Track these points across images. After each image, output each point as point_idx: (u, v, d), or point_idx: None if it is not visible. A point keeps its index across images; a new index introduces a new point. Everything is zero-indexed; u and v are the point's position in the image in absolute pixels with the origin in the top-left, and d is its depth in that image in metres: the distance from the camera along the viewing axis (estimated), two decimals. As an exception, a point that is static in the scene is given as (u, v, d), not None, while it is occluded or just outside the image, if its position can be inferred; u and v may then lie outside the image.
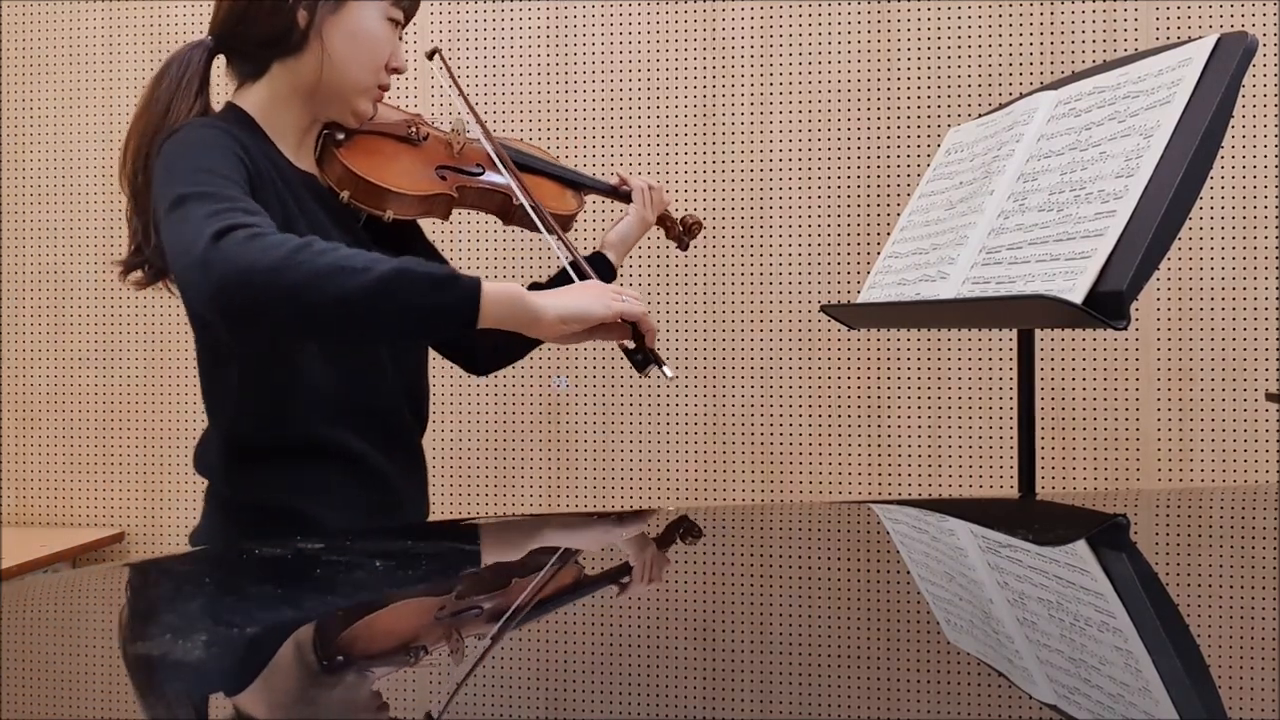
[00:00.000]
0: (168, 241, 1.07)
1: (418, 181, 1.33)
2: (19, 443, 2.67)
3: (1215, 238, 2.26)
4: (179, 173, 1.10)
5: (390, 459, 1.29)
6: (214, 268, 0.99)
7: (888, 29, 2.37)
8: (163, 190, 1.10)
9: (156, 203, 1.12)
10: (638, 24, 2.45)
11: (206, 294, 1.01)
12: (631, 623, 0.77)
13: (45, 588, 1.16)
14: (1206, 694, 0.59)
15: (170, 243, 1.06)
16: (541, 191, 1.46)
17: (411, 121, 1.39)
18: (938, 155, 1.55)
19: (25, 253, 2.67)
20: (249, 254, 1.00)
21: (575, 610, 0.78)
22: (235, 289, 0.99)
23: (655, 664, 0.67)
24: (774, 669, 0.64)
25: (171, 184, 1.09)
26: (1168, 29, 2.27)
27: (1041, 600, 0.77)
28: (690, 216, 1.72)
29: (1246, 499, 1.35)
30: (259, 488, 1.23)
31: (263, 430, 1.22)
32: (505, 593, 0.83)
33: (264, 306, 1.00)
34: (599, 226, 2.30)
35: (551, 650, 0.69)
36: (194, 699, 0.59)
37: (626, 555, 0.96)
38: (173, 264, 1.07)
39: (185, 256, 1.02)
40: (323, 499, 1.22)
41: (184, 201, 1.06)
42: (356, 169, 1.27)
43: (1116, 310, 1.02)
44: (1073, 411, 2.30)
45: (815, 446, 2.39)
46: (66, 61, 2.65)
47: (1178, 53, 1.15)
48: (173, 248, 1.06)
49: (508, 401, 2.49)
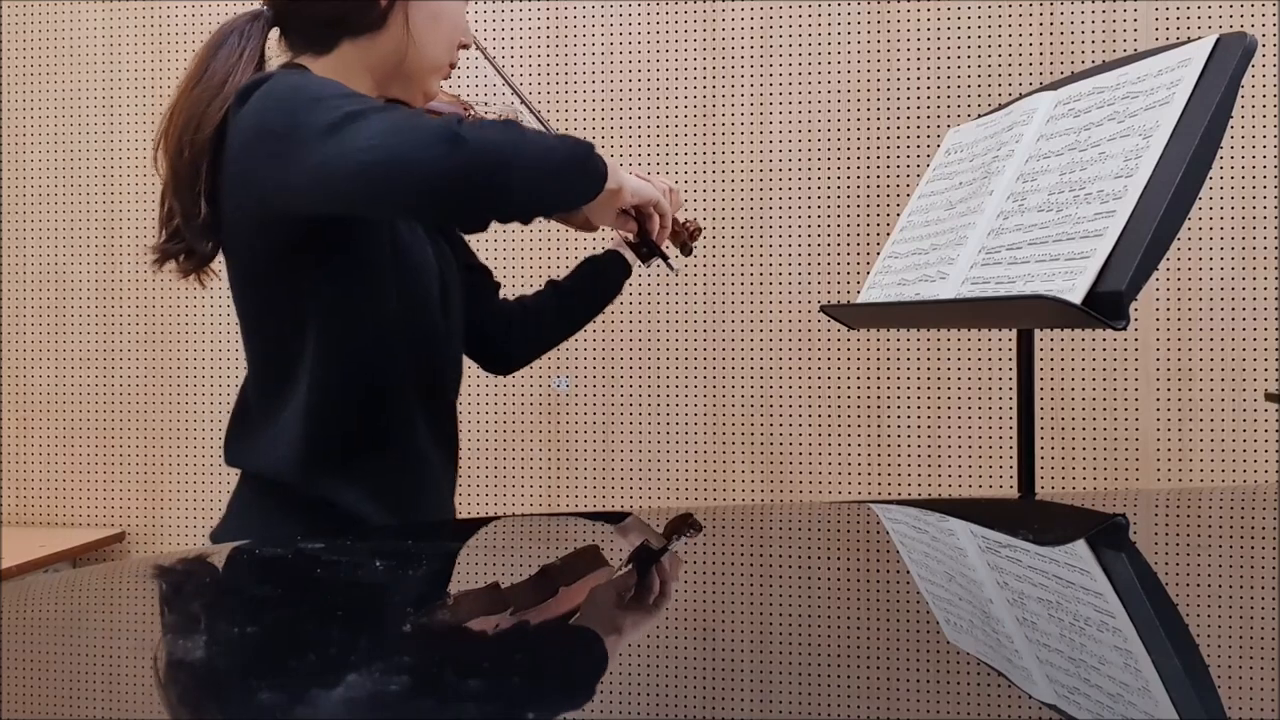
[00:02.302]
0: (350, 161, 0.97)
1: None
2: (19, 443, 2.67)
3: (1215, 238, 2.26)
4: (324, 99, 1.02)
5: (436, 445, 1.25)
6: (460, 155, 0.97)
7: (888, 29, 2.37)
8: (303, 120, 1.01)
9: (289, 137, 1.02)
10: (638, 24, 2.45)
11: (457, 180, 0.98)
12: (631, 623, 0.77)
13: (45, 588, 1.16)
14: (1206, 694, 0.59)
15: (369, 155, 0.97)
16: None
17: (464, 106, 1.35)
18: (937, 155, 1.55)
19: (25, 253, 2.67)
20: (489, 135, 0.99)
21: (575, 610, 0.78)
22: (485, 175, 0.99)
23: (656, 664, 0.67)
24: (774, 669, 0.64)
25: (320, 110, 1.00)
26: (1168, 29, 2.27)
27: (1041, 600, 0.77)
28: (692, 222, 1.70)
29: (1246, 499, 1.35)
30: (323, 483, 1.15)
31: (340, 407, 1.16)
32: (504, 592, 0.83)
33: (508, 188, 1.01)
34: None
35: (551, 650, 0.69)
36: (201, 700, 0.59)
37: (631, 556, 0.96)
38: (360, 178, 0.98)
39: (409, 159, 0.96)
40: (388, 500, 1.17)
41: (362, 115, 0.98)
42: None
43: (1116, 310, 1.02)
44: (1072, 411, 2.30)
45: (815, 446, 2.39)
46: (66, 61, 2.65)
47: (1177, 53, 1.15)
48: (374, 158, 0.97)
49: (508, 401, 2.49)
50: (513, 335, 1.48)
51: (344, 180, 0.99)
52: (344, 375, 1.16)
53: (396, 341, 1.18)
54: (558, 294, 1.50)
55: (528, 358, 1.52)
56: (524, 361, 1.52)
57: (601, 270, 1.51)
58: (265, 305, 1.18)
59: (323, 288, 1.13)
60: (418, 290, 1.20)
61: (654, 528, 1.10)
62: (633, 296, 2.41)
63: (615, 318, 2.43)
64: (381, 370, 1.18)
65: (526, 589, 0.84)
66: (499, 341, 1.48)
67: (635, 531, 1.07)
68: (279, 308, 1.16)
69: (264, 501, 1.20)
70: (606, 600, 0.80)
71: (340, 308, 1.14)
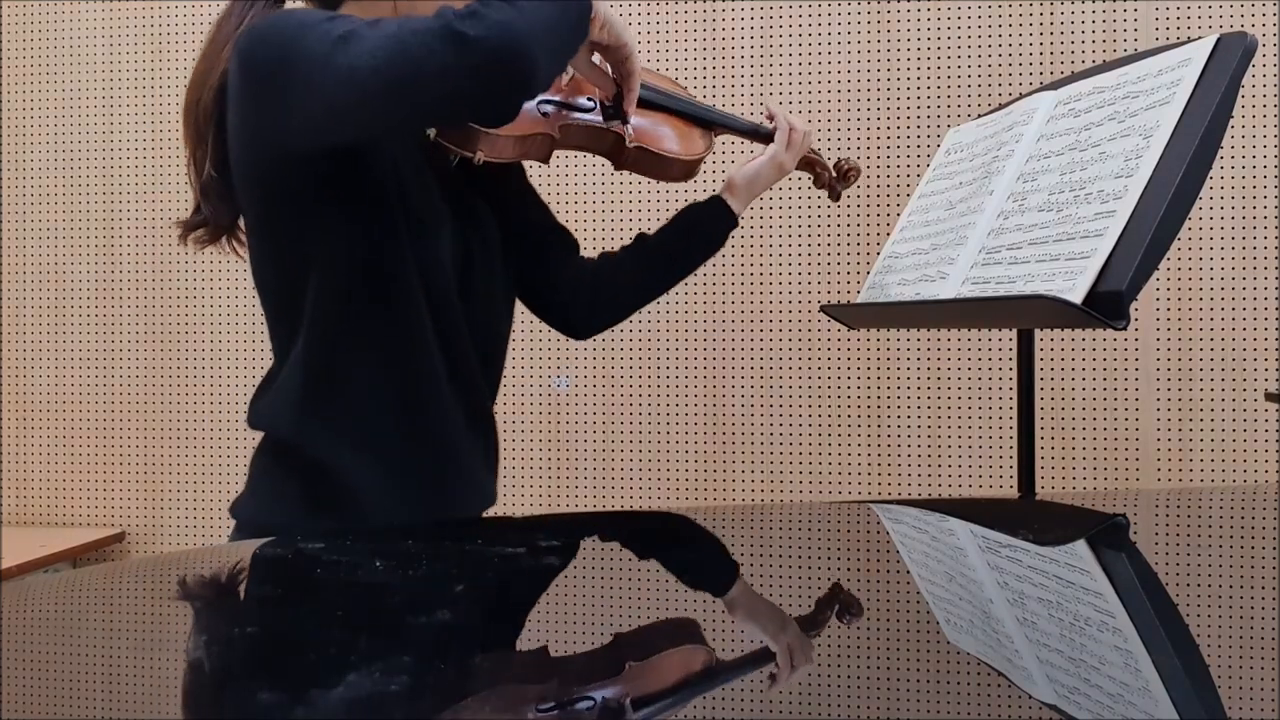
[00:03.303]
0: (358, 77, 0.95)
1: (515, 118, 1.17)
2: (19, 443, 2.67)
3: (1215, 238, 2.26)
4: (311, 25, 0.99)
5: (470, 429, 1.20)
6: (469, 52, 0.93)
7: (888, 29, 2.37)
8: (296, 50, 0.99)
9: (284, 70, 1.00)
10: (638, 24, 2.45)
11: (473, 78, 0.94)
12: (630, 623, 0.77)
13: (45, 588, 1.16)
14: (1206, 694, 0.59)
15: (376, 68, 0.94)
16: (663, 131, 1.32)
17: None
18: (937, 155, 1.55)
19: (26, 253, 2.67)
20: (493, 23, 0.94)
21: (574, 610, 0.78)
22: (510, 57, 0.94)
23: (656, 663, 0.67)
24: (774, 669, 0.64)
25: (311, 37, 0.98)
26: (1168, 29, 2.27)
27: (1041, 600, 0.77)
28: (846, 162, 1.54)
29: (1246, 499, 1.35)
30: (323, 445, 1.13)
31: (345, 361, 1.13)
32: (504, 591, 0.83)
33: (534, 61, 0.96)
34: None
35: (550, 649, 0.69)
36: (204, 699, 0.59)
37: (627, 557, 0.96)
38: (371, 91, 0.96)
39: (418, 62, 0.93)
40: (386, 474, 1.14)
41: (355, 34, 0.96)
42: None
43: (1116, 310, 1.02)
44: (1073, 411, 2.30)
45: (815, 446, 2.39)
46: (66, 61, 2.65)
47: (1177, 53, 1.15)
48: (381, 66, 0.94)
49: (508, 401, 2.49)
50: (580, 298, 1.38)
51: (355, 98, 0.97)
52: (341, 333, 1.13)
53: (400, 304, 1.13)
54: (643, 250, 1.40)
55: (606, 321, 1.43)
56: (598, 328, 1.43)
57: (698, 221, 1.40)
58: (269, 258, 1.16)
59: (323, 240, 1.10)
60: (425, 255, 1.14)
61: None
62: (633, 296, 2.41)
63: (615, 318, 2.43)
64: (381, 333, 1.13)
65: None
66: (568, 306, 1.39)
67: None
68: (282, 260, 1.14)
69: (273, 467, 1.17)
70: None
71: (338, 264, 1.11)
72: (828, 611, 0.75)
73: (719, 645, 0.70)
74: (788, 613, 0.78)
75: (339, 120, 1.02)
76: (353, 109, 0.99)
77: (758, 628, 0.74)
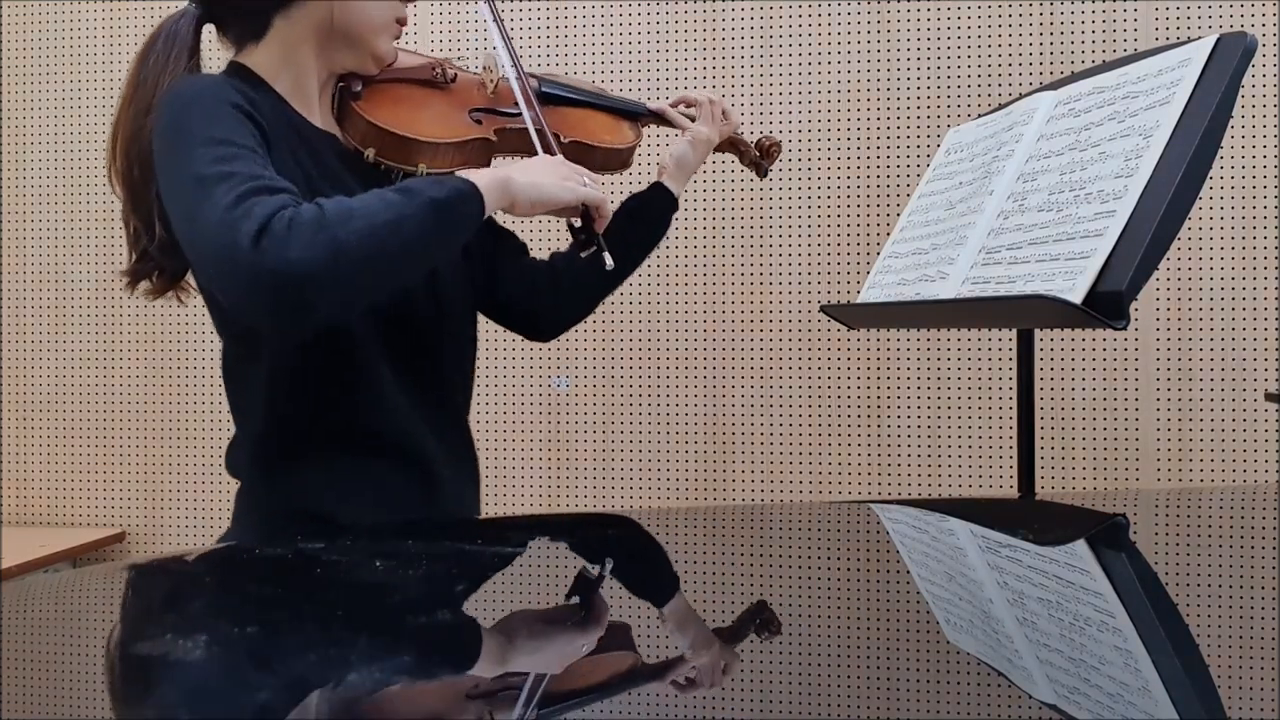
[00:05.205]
0: (190, 234, 0.97)
1: (450, 127, 1.19)
2: (19, 443, 2.67)
3: (1215, 238, 2.26)
4: (189, 145, 0.99)
5: (441, 442, 1.21)
6: (262, 276, 0.91)
7: (888, 29, 2.37)
8: (172, 164, 1.00)
9: (166, 178, 1.01)
10: (638, 24, 2.45)
11: (259, 304, 0.94)
12: (630, 622, 0.77)
13: (45, 588, 1.16)
14: (1206, 694, 0.59)
15: (196, 238, 0.96)
16: (590, 126, 1.35)
17: (436, 64, 1.25)
18: (937, 155, 1.55)
19: (26, 253, 2.67)
20: (291, 250, 0.91)
21: (573, 610, 0.78)
22: (291, 291, 0.92)
23: (656, 663, 0.67)
24: (774, 669, 0.64)
25: (183, 160, 0.98)
26: (1168, 29, 2.27)
27: (1041, 600, 0.77)
28: (768, 138, 1.57)
29: (1246, 499, 1.35)
30: (297, 492, 1.15)
31: (299, 426, 1.14)
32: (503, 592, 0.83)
33: (322, 298, 0.94)
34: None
35: (549, 650, 0.69)
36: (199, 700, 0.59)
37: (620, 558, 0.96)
38: (202, 262, 0.99)
39: (225, 264, 0.93)
40: (366, 497, 1.15)
41: (203, 184, 0.95)
42: (379, 121, 1.14)
43: (1116, 310, 1.02)
44: (1072, 411, 2.30)
45: (815, 446, 2.39)
46: (66, 61, 2.65)
47: (1177, 53, 1.15)
48: (201, 246, 0.96)
49: (508, 401, 2.49)
50: (540, 299, 1.37)
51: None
52: (299, 386, 1.14)
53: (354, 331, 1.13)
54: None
55: (566, 320, 1.42)
56: (563, 324, 1.42)
57: (640, 206, 1.40)
58: (222, 322, 1.19)
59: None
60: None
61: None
62: (632, 296, 2.41)
63: (615, 318, 2.43)
64: (337, 364, 1.13)
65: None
66: (525, 306, 1.37)
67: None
68: (231, 325, 1.18)
69: (253, 509, 1.20)
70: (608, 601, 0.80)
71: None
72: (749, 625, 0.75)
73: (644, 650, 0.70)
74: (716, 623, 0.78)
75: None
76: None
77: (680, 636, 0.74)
